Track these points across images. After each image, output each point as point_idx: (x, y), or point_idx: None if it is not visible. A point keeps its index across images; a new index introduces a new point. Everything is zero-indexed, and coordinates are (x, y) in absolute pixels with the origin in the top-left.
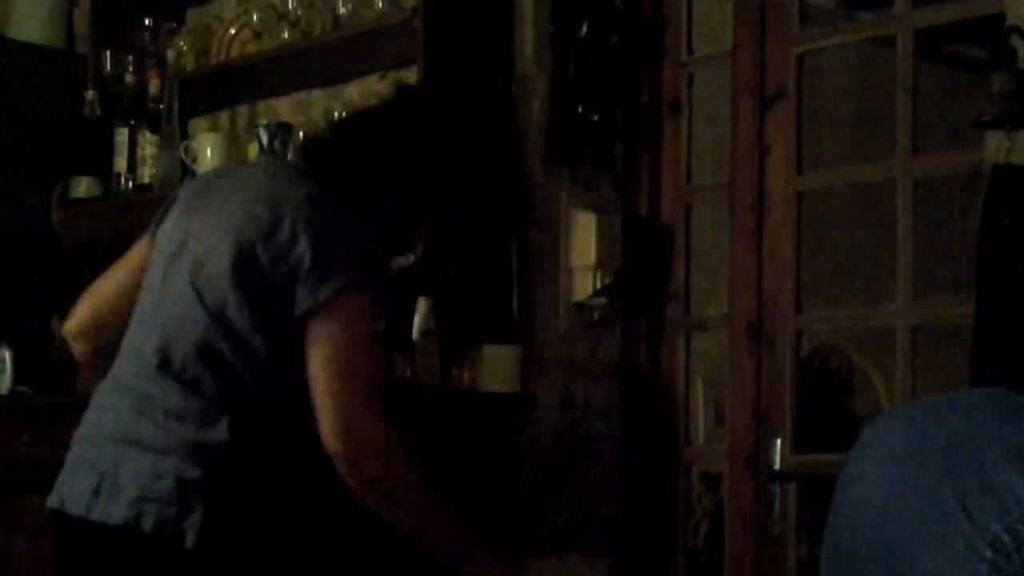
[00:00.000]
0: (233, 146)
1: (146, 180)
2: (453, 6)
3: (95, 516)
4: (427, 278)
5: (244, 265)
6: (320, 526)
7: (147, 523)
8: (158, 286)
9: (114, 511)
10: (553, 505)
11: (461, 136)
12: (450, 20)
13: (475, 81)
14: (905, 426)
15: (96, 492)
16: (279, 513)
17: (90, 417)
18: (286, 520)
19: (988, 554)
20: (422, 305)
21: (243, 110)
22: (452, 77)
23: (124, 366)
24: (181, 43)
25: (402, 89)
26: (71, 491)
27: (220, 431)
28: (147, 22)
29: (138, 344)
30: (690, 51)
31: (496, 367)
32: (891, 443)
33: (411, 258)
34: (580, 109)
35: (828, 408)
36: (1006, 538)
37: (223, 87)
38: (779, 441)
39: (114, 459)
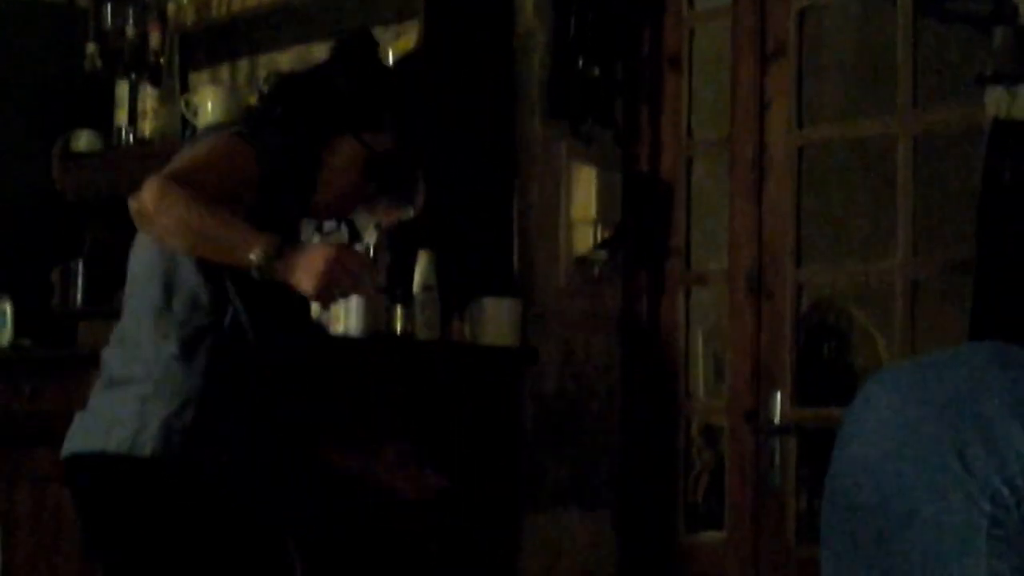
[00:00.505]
0: (234, 100)
1: (147, 134)
2: None
3: None
4: (428, 232)
5: None
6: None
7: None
8: None
9: None
10: (554, 458)
11: (462, 91)
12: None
13: (476, 36)
14: (905, 381)
15: None
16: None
17: None
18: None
19: (987, 507)
20: (423, 259)
21: (244, 64)
22: (453, 31)
23: None
24: None
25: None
26: None
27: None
28: None
29: None
30: (691, 6)
31: (496, 321)
32: (891, 398)
33: (411, 211)
34: (581, 64)
35: (828, 362)
36: (1005, 491)
37: (224, 41)
38: (779, 395)
39: None
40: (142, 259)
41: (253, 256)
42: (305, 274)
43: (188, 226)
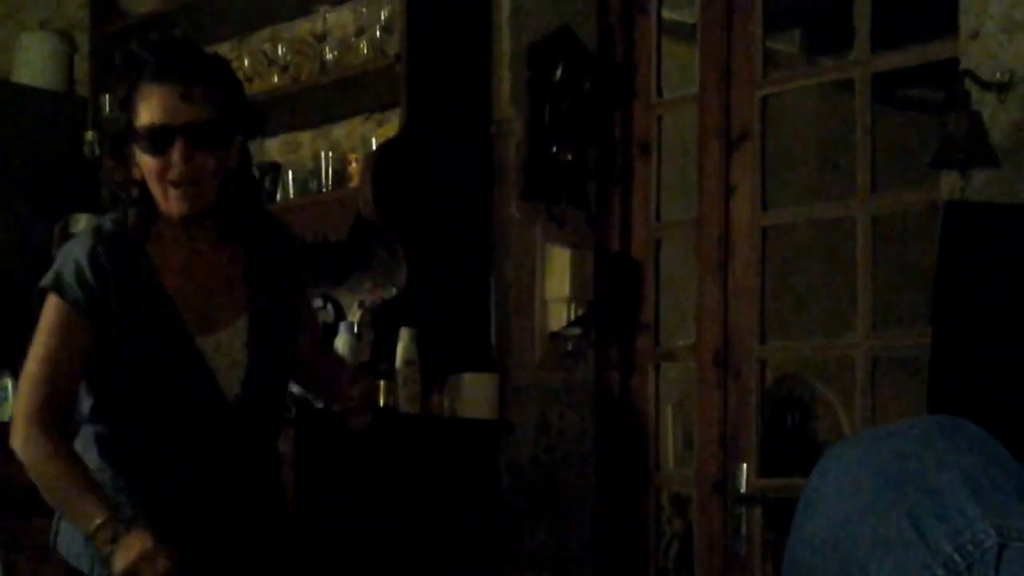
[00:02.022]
0: None
1: None
2: (434, 52)
3: None
4: (409, 310)
5: None
6: None
7: None
8: None
9: None
10: (530, 526)
11: (442, 175)
12: (431, 65)
13: (455, 123)
14: (862, 451)
15: None
16: None
17: None
18: None
19: (941, 572)
20: (404, 336)
21: None
22: (433, 119)
23: None
24: None
25: None
26: None
27: None
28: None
29: None
30: (659, 94)
31: (475, 395)
32: (849, 468)
33: (393, 290)
34: (555, 149)
35: (792, 434)
36: (957, 557)
37: None
38: (745, 466)
39: None
40: None
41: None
42: (121, 556)
43: (43, 491)
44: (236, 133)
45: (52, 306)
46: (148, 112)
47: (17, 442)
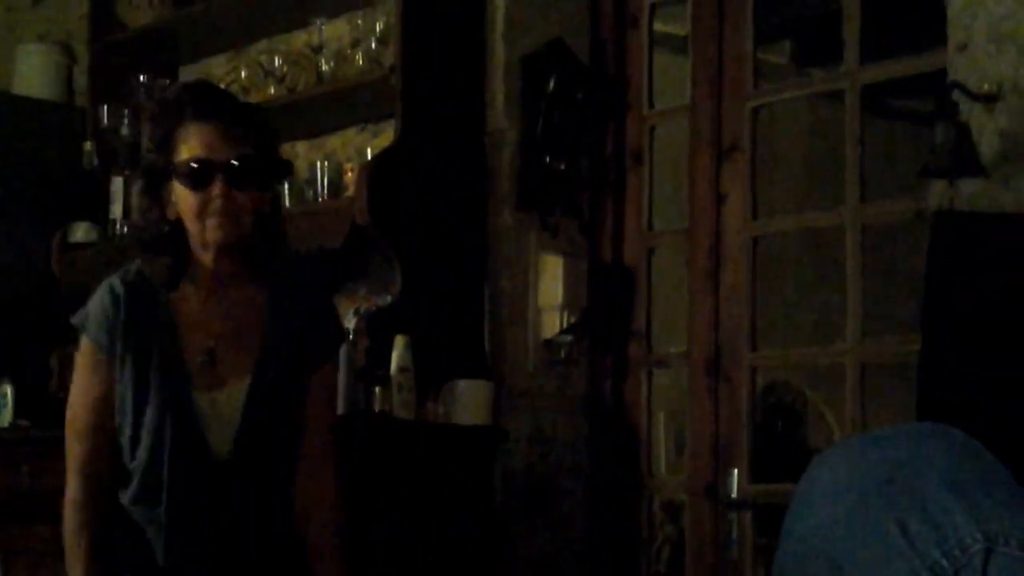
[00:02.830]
0: None
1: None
2: (429, 63)
3: None
4: (404, 317)
5: None
6: None
7: None
8: None
9: None
10: (524, 532)
11: (437, 185)
12: (426, 77)
13: (450, 134)
14: (850, 458)
15: None
16: None
17: None
18: None
19: None
20: (399, 343)
21: None
22: (428, 129)
23: None
24: None
25: None
26: None
27: None
28: (142, 78)
29: None
30: (651, 105)
31: (469, 402)
32: (837, 474)
33: (388, 297)
34: (548, 160)
35: (782, 440)
36: (944, 562)
37: None
38: (736, 471)
39: None
40: None
41: None
42: None
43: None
44: (271, 178)
45: (83, 346)
46: (189, 148)
47: (67, 497)
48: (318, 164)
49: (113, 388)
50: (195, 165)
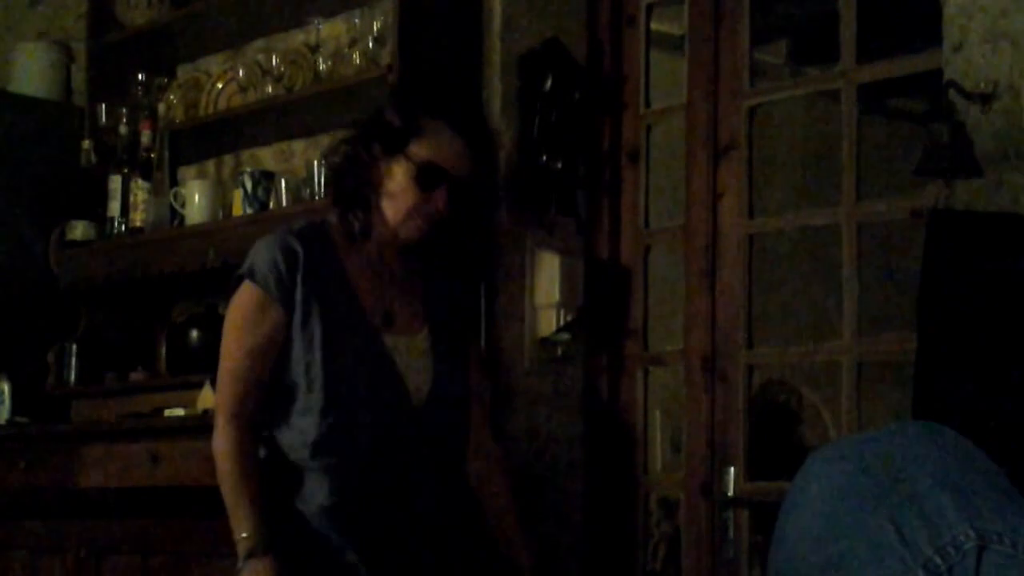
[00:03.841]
0: (219, 193)
1: (138, 224)
2: (426, 63)
3: None
4: None
5: None
6: None
7: None
8: None
9: None
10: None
11: None
12: (423, 76)
13: None
14: (844, 456)
15: None
16: None
17: None
18: None
19: (921, 575)
20: None
21: (229, 159)
22: None
23: None
24: (172, 96)
25: None
26: None
27: None
28: (140, 77)
29: None
30: (648, 104)
31: None
32: (831, 472)
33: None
34: (545, 159)
35: (779, 438)
36: (938, 560)
37: (210, 137)
38: (732, 469)
39: None
40: None
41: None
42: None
43: (220, 484)
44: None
45: (246, 292)
46: (433, 148)
47: (215, 434)
48: (315, 163)
49: (276, 336)
50: (432, 169)
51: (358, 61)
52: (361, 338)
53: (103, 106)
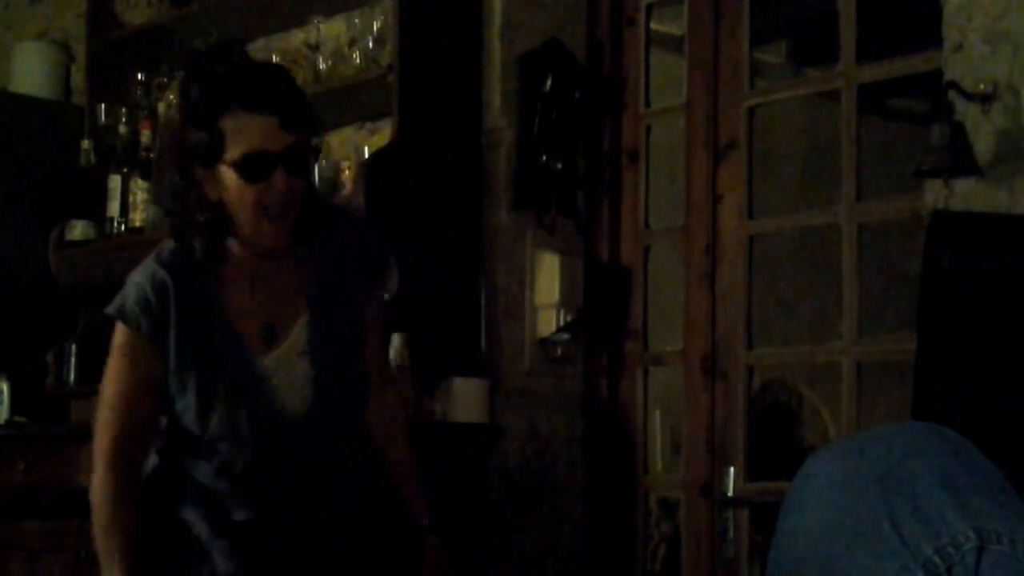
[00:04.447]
0: None
1: (137, 224)
2: (426, 63)
3: None
4: (401, 315)
5: None
6: None
7: None
8: None
9: None
10: (520, 530)
11: (434, 183)
12: (423, 76)
13: (446, 132)
14: (844, 456)
15: None
16: None
17: None
18: None
19: (921, 574)
20: (396, 341)
21: None
22: (425, 128)
23: None
24: (171, 96)
25: None
26: None
27: None
28: (139, 77)
29: None
30: (647, 104)
31: (466, 399)
32: (831, 472)
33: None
34: (544, 159)
35: (778, 438)
36: (937, 560)
37: None
38: (732, 469)
39: None
40: None
41: None
42: None
43: (94, 531)
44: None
45: (119, 334)
46: (245, 140)
47: (92, 480)
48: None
49: (152, 376)
50: (253, 159)
51: (358, 61)
52: (236, 372)
53: (103, 106)
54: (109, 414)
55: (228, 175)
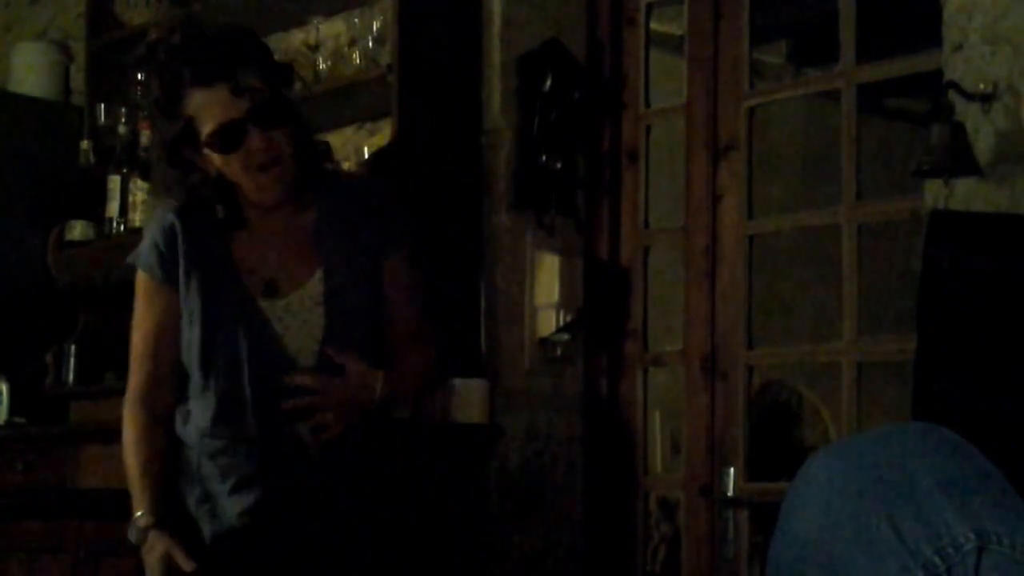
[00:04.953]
0: None
1: (137, 224)
2: (425, 63)
3: None
4: None
5: None
6: None
7: None
8: None
9: None
10: (519, 531)
11: (433, 184)
12: (423, 76)
13: (446, 132)
14: (844, 456)
15: None
16: None
17: None
18: None
19: (920, 575)
20: None
21: None
22: (425, 129)
23: None
24: None
25: None
26: None
27: None
28: (139, 77)
29: None
30: (647, 104)
31: (466, 400)
32: (831, 472)
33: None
34: (544, 159)
35: (779, 438)
36: (937, 560)
37: None
38: (732, 470)
39: None
40: None
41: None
42: (145, 551)
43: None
44: (289, 101)
45: (138, 279)
46: (208, 117)
47: (125, 433)
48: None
49: (170, 317)
50: (221, 130)
51: (358, 61)
52: (236, 310)
53: (102, 106)
54: (135, 357)
55: (210, 152)
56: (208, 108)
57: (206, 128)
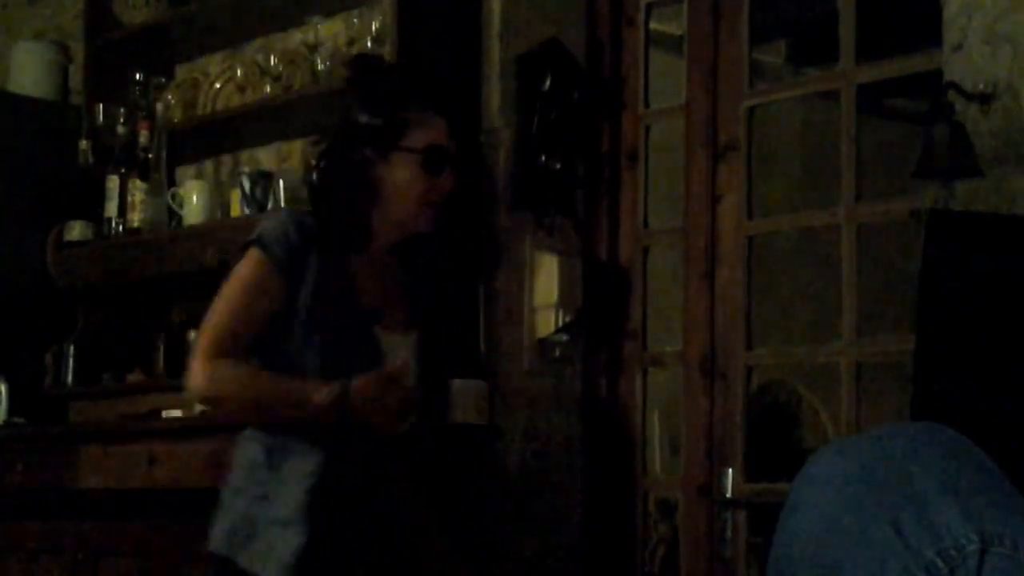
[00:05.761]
0: (217, 193)
1: (135, 224)
2: (424, 62)
3: None
4: None
5: None
6: None
7: None
8: None
9: None
10: (518, 532)
11: None
12: (421, 75)
13: None
14: (844, 457)
15: None
16: None
17: None
18: None
19: None
20: None
21: (227, 159)
22: None
23: None
24: (169, 96)
25: None
26: None
27: None
28: (138, 77)
29: None
30: (647, 104)
31: (464, 401)
32: (832, 473)
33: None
34: (543, 159)
35: (777, 439)
36: (939, 562)
37: (208, 137)
38: (731, 470)
39: None
40: None
41: (320, 400)
42: (356, 393)
43: (248, 407)
44: None
45: (250, 257)
46: (427, 133)
47: (196, 380)
48: (313, 163)
49: (267, 305)
50: (435, 151)
51: None
52: (358, 329)
53: (101, 106)
54: (219, 328)
55: (403, 162)
56: (427, 126)
57: (420, 140)
